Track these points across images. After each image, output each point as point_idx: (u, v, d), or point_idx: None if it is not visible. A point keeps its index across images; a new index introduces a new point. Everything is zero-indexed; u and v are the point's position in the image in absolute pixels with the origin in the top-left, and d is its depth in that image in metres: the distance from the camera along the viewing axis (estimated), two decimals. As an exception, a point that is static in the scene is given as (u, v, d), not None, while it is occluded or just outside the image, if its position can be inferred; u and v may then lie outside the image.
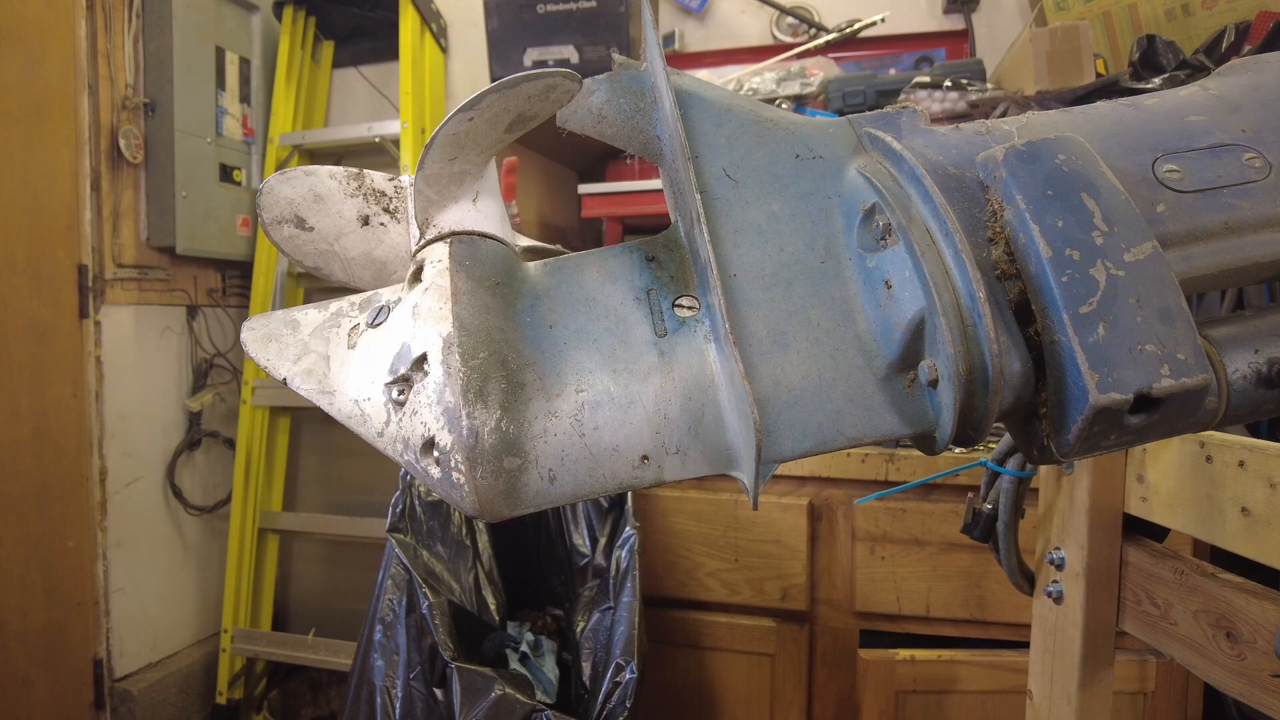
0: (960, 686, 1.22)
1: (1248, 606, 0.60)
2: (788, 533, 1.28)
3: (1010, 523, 0.74)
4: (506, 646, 1.25)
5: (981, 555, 1.19)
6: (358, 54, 2.07)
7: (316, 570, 2.09)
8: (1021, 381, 0.43)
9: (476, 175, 0.42)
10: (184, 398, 1.91)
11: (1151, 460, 0.69)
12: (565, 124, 0.43)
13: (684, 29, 1.85)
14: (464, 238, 0.41)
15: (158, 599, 1.83)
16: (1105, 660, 0.75)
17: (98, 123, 1.68)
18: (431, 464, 0.37)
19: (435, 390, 0.37)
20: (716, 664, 1.34)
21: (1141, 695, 1.17)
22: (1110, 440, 0.44)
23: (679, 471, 0.39)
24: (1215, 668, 0.63)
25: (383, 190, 0.49)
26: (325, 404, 0.41)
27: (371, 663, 1.12)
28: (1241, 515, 0.60)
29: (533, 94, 0.37)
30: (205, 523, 1.97)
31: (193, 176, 1.80)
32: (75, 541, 1.65)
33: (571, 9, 1.53)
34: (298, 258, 0.49)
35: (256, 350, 0.43)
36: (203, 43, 1.84)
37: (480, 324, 0.38)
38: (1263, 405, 0.48)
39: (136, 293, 1.78)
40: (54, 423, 1.61)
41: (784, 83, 1.52)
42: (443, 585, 1.20)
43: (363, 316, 0.43)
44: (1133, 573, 0.73)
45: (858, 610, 1.27)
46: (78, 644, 1.66)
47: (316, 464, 2.10)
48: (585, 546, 1.32)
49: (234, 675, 1.87)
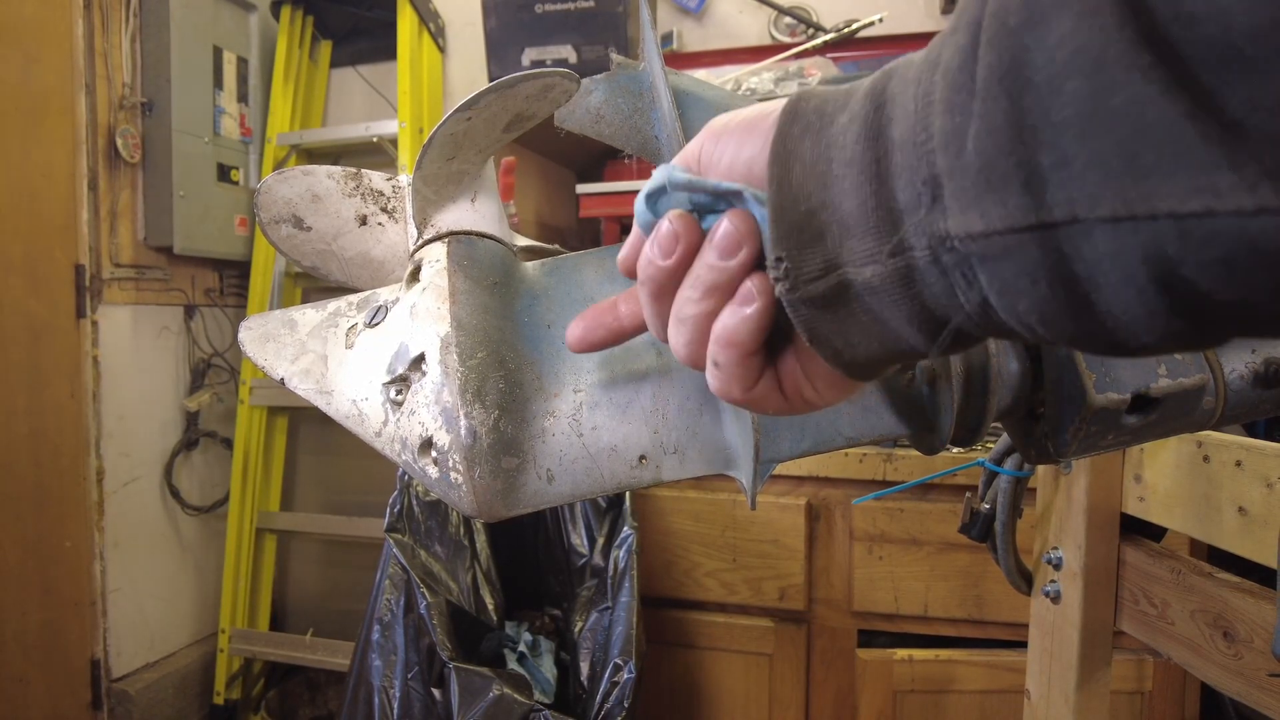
0: (958, 686, 1.22)
1: (1245, 606, 0.61)
2: (786, 532, 1.28)
3: (1008, 522, 0.75)
4: (504, 646, 1.25)
5: (979, 555, 1.19)
6: (356, 53, 2.07)
7: (314, 570, 2.09)
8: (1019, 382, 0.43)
9: (474, 175, 0.42)
10: (181, 397, 1.91)
11: (1149, 460, 0.69)
12: (563, 124, 0.43)
13: (682, 29, 1.85)
14: (462, 237, 0.41)
15: (155, 599, 1.83)
16: (1103, 660, 0.75)
17: (95, 122, 1.67)
18: (429, 464, 0.37)
19: (433, 390, 0.37)
20: (714, 664, 1.34)
21: (1139, 695, 1.17)
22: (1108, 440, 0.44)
23: (677, 471, 0.39)
24: (1212, 667, 0.64)
25: (380, 190, 0.49)
26: (323, 404, 0.41)
27: (369, 663, 1.12)
28: (1239, 515, 0.60)
29: (531, 94, 0.37)
30: (203, 523, 1.97)
31: (190, 176, 1.80)
32: (72, 541, 1.65)
33: (569, 9, 1.53)
34: (295, 257, 0.49)
35: (254, 350, 0.43)
36: (200, 42, 1.83)
37: (478, 324, 0.38)
38: (1260, 405, 0.48)
39: (134, 292, 1.78)
40: (51, 423, 1.61)
41: (782, 83, 1.52)
42: (441, 585, 1.20)
43: (360, 316, 0.43)
44: (1130, 572, 0.73)
45: (856, 610, 1.27)
46: (75, 644, 1.65)
47: (314, 464, 2.10)
48: (583, 546, 1.32)
49: (231, 675, 1.86)
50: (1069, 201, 0.18)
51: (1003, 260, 0.19)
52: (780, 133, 0.24)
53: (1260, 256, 0.16)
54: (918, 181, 0.20)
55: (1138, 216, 0.17)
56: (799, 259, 0.23)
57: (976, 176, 0.19)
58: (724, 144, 0.26)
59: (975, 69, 0.19)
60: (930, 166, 0.20)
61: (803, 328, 0.24)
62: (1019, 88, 0.18)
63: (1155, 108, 0.16)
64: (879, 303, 0.22)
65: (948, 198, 0.20)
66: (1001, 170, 0.18)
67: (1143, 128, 0.16)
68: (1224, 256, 0.16)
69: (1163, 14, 0.16)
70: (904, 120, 0.21)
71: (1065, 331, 0.20)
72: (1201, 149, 0.16)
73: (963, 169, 0.19)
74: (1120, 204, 0.17)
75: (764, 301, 0.25)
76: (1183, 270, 0.17)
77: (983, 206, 0.19)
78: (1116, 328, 0.19)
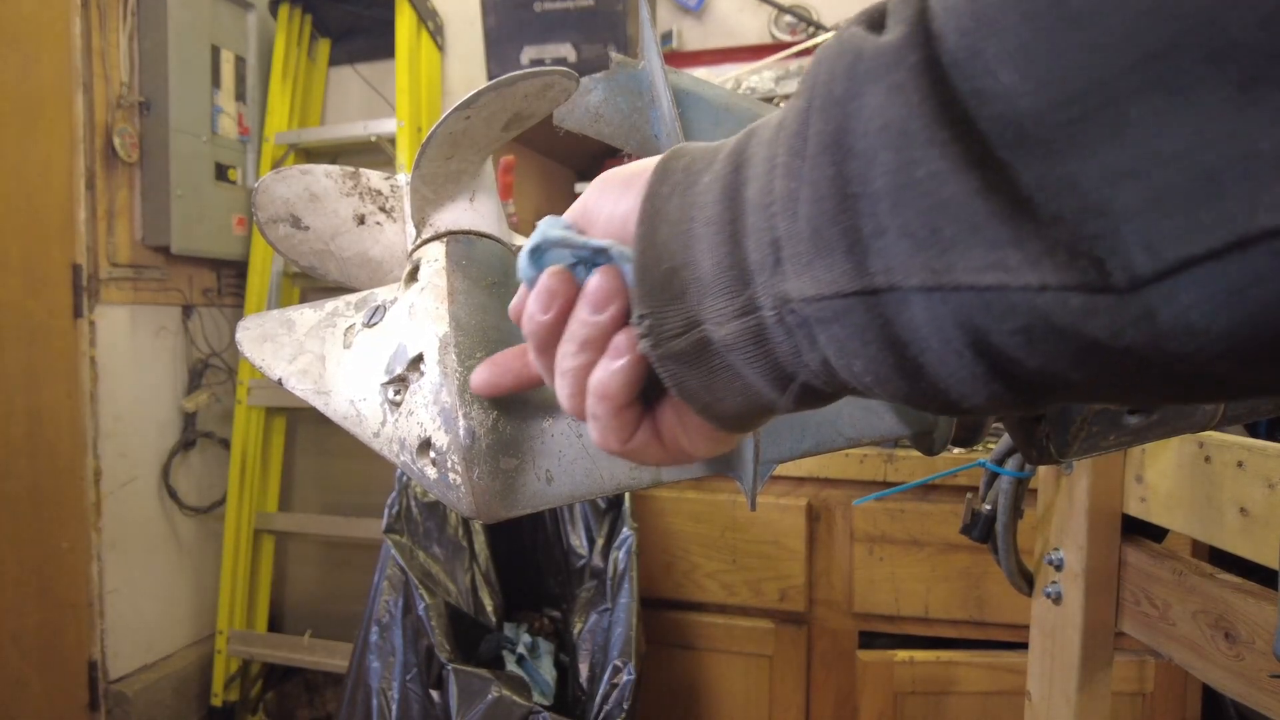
0: (959, 688, 1.22)
1: (1246, 607, 0.60)
2: (786, 533, 1.28)
3: (1009, 523, 0.74)
4: (503, 648, 1.25)
5: (980, 556, 1.19)
6: (354, 52, 2.06)
7: (312, 571, 2.08)
8: (1022, 382, 0.42)
9: (473, 174, 0.42)
10: (179, 398, 1.91)
11: (1150, 461, 0.69)
12: (562, 122, 0.43)
13: (682, 27, 1.85)
14: (460, 237, 0.41)
15: (153, 600, 1.83)
16: (1104, 661, 0.74)
17: (92, 121, 1.67)
18: (428, 464, 0.37)
19: (431, 390, 0.37)
20: (714, 665, 1.34)
21: (1140, 696, 1.17)
22: (1109, 441, 0.44)
23: (676, 472, 0.39)
24: (1214, 668, 0.63)
25: (379, 189, 0.49)
26: (321, 404, 0.41)
27: (368, 664, 1.12)
28: (1240, 515, 0.60)
29: (530, 92, 0.37)
30: (200, 523, 1.96)
31: (188, 175, 1.79)
32: (70, 543, 1.64)
33: (569, 7, 1.53)
34: (293, 257, 0.48)
35: (252, 350, 0.43)
36: (198, 41, 1.83)
37: (477, 324, 0.38)
38: (1261, 406, 0.48)
39: (131, 292, 1.77)
40: (48, 423, 1.60)
41: (782, 81, 1.52)
42: (439, 587, 1.19)
43: (358, 316, 0.42)
44: (1131, 573, 0.73)
45: (856, 611, 1.27)
46: (72, 646, 1.65)
47: (312, 464, 2.09)
48: (583, 547, 1.32)
49: (229, 677, 1.86)
50: (887, 270, 0.18)
51: (835, 323, 0.20)
52: (650, 191, 0.25)
53: (1054, 329, 0.16)
54: (765, 243, 0.21)
55: (944, 287, 0.17)
56: (661, 316, 0.24)
57: (808, 241, 0.19)
58: (605, 197, 0.27)
59: (808, 134, 0.20)
60: (773, 230, 0.21)
61: (670, 383, 0.25)
62: (842, 156, 0.18)
63: (951, 183, 0.17)
64: (736, 359, 0.23)
65: (786, 261, 0.20)
66: (828, 236, 0.19)
67: (941, 202, 0.17)
68: (1023, 327, 0.17)
69: (961, 90, 0.17)
70: (755, 181, 0.22)
71: (900, 391, 0.20)
72: (992, 225, 0.16)
73: (797, 234, 0.20)
74: (929, 274, 0.17)
75: (633, 356, 0.25)
76: (991, 338, 0.17)
77: (815, 271, 0.19)
78: (947, 389, 0.19)
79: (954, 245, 0.17)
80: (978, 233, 0.16)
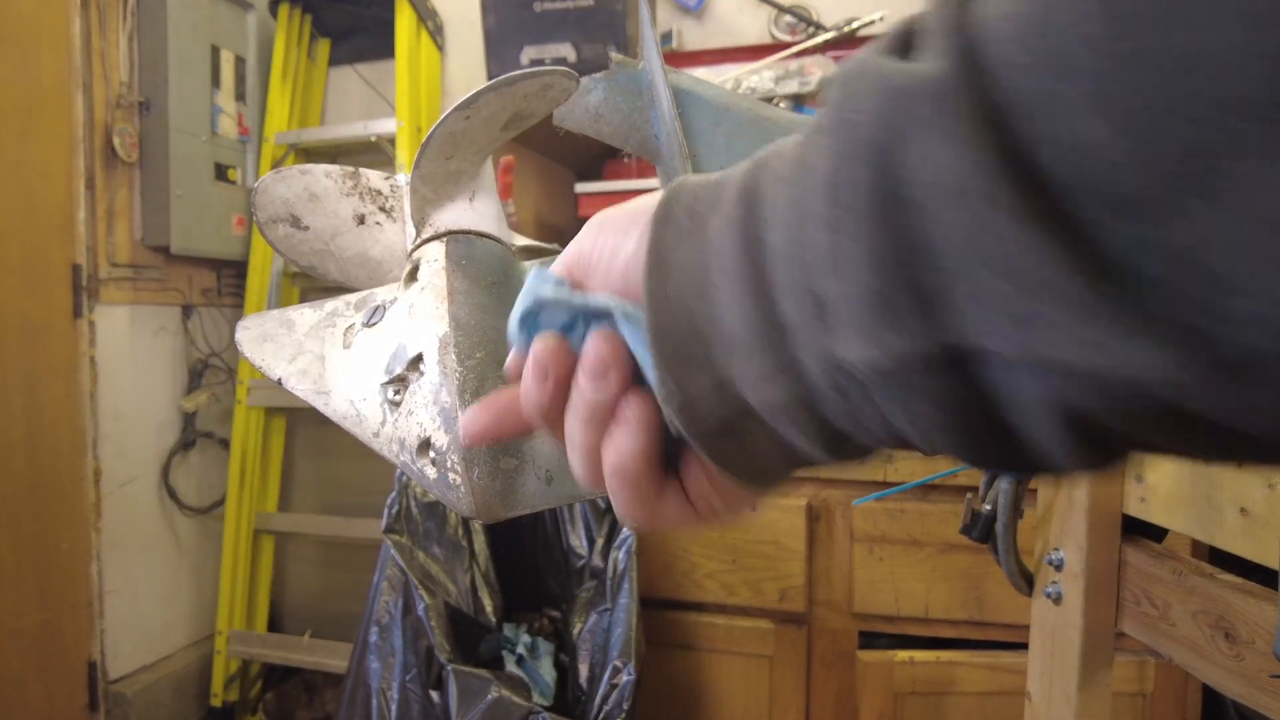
0: (959, 688, 1.22)
1: (1246, 607, 0.60)
2: (786, 534, 1.28)
3: (1009, 523, 0.74)
4: (503, 648, 1.25)
5: (980, 556, 1.19)
6: (354, 52, 2.06)
7: (312, 572, 2.08)
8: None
9: (473, 174, 0.42)
10: (179, 398, 1.91)
11: (1150, 461, 0.69)
12: (562, 122, 0.43)
13: (681, 27, 1.85)
14: (460, 237, 0.41)
15: (152, 600, 1.82)
16: (1104, 661, 0.74)
17: (92, 121, 1.67)
18: (427, 464, 0.37)
19: (431, 390, 0.37)
20: (714, 666, 1.34)
21: (1140, 696, 1.17)
22: (1111, 441, 0.44)
23: (678, 473, 0.39)
24: (1214, 668, 0.63)
25: (378, 189, 0.49)
26: (320, 404, 0.41)
27: (367, 665, 1.12)
28: (1240, 516, 0.60)
29: (529, 92, 0.37)
30: (200, 524, 1.96)
31: (188, 175, 1.79)
32: (69, 543, 1.64)
33: (569, 7, 1.53)
34: (293, 257, 0.48)
35: (251, 350, 0.43)
36: (198, 41, 1.83)
37: (477, 323, 0.38)
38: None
39: (131, 292, 1.77)
40: (48, 423, 1.60)
41: (782, 81, 1.51)
42: (439, 587, 1.19)
43: (358, 316, 0.42)
44: (1132, 573, 0.73)
45: (856, 611, 1.27)
46: (71, 646, 1.65)
47: (312, 465, 2.09)
48: (583, 548, 1.32)
49: (229, 677, 1.86)
50: (960, 335, 0.17)
51: (899, 389, 0.18)
52: (655, 240, 0.22)
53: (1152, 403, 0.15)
54: (804, 301, 0.19)
55: (1028, 361, 0.16)
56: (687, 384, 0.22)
57: (864, 303, 0.18)
58: (602, 243, 0.25)
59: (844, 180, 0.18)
60: (813, 285, 0.19)
61: (709, 457, 0.23)
62: (895, 212, 0.17)
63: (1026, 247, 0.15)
64: (780, 422, 0.21)
65: (834, 320, 0.19)
66: (889, 299, 0.17)
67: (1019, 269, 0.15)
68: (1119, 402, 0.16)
69: (1024, 138, 0.15)
70: (779, 227, 0.20)
71: (970, 456, 0.19)
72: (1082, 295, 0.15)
73: (848, 294, 0.18)
74: (1009, 345, 0.16)
75: (644, 426, 0.23)
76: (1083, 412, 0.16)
77: (876, 334, 0.18)
78: (1029, 457, 0.18)
79: (1038, 317, 0.15)
80: (1064, 303, 0.15)
